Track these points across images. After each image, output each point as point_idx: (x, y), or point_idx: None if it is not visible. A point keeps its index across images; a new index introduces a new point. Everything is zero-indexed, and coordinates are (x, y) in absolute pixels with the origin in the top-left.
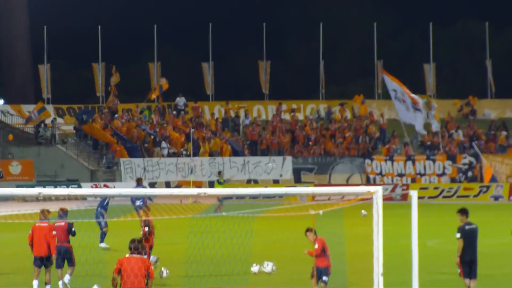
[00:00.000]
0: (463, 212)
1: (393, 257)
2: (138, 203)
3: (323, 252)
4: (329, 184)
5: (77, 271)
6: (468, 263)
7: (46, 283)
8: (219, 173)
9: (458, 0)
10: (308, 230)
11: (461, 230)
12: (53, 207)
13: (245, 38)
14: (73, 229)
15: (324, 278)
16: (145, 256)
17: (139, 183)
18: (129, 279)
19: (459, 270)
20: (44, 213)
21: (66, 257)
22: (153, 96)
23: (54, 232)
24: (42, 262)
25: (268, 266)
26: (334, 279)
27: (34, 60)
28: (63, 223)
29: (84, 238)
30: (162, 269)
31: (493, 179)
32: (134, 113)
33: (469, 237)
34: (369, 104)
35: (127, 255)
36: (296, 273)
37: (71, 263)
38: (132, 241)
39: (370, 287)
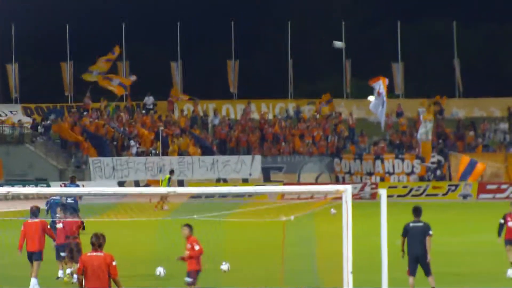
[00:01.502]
0: (413, 211)
1: (362, 256)
2: (69, 200)
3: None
4: (298, 183)
5: (51, 269)
6: (415, 260)
7: (33, 276)
8: (172, 171)
9: None
10: (186, 225)
11: (404, 227)
12: (22, 206)
13: (214, 37)
14: (84, 224)
15: (187, 279)
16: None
17: (72, 181)
18: (91, 279)
19: (407, 268)
20: (33, 210)
21: (74, 252)
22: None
23: (49, 226)
24: (32, 256)
25: (225, 265)
26: (305, 279)
27: (2, 59)
28: (75, 219)
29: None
30: (159, 268)
31: (468, 171)
32: (102, 112)
33: (412, 234)
34: (338, 103)
35: (88, 253)
36: (265, 271)
37: (77, 259)
38: (93, 236)
39: (340, 286)
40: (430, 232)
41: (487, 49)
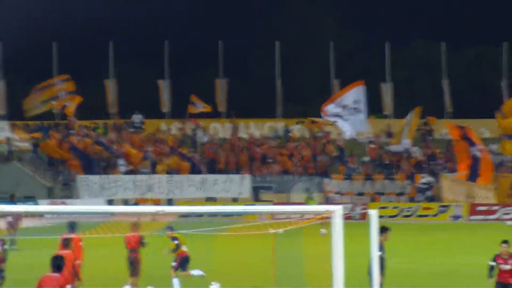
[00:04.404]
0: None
1: (352, 276)
2: (9, 219)
3: None
4: (288, 203)
5: None
6: None
7: None
8: (308, 189)
9: (414, 20)
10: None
11: None
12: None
13: (202, 56)
14: (143, 240)
15: None
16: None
17: (11, 199)
18: None
19: None
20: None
21: (132, 266)
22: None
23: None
24: None
25: (215, 286)
26: None
27: None
28: (135, 235)
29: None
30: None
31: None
32: (90, 131)
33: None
34: (326, 122)
35: (47, 274)
36: None
37: (135, 273)
38: (52, 258)
39: None
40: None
41: (476, 70)
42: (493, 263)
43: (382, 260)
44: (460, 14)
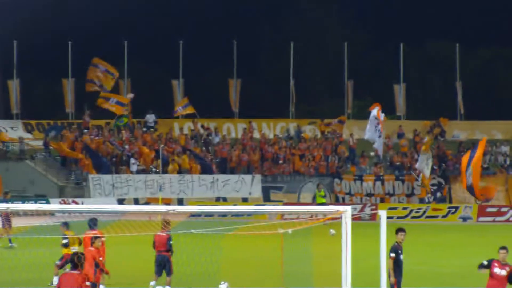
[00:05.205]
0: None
1: (361, 277)
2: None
3: None
4: (298, 203)
5: None
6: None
7: None
8: (318, 185)
9: (429, 21)
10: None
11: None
12: (21, 222)
13: (216, 56)
14: (170, 242)
15: None
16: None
17: (5, 197)
18: None
19: None
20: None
21: (164, 265)
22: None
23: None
24: None
25: (224, 285)
26: None
27: (4, 75)
28: (164, 234)
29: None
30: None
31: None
32: (103, 129)
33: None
34: (337, 125)
35: (66, 270)
36: None
37: (169, 271)
38: (71, 255)
39: None
40: (390, 254)
41: (489, 72)
42: (486, 263)
43: (399, 261)
44: (474, 15)
